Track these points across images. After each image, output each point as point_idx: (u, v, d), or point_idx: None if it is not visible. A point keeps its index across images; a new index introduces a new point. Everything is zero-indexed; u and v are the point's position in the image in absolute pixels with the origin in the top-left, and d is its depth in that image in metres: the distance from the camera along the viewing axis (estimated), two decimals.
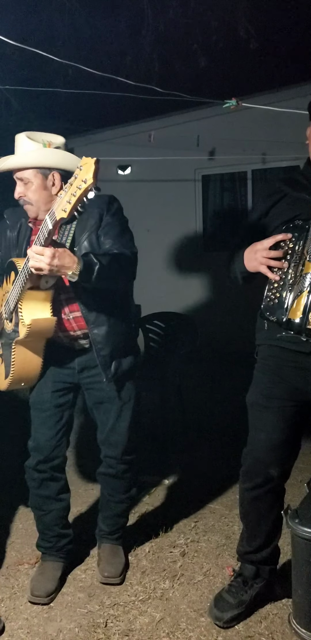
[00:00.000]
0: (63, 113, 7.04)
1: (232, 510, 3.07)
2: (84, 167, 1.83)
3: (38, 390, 2.44)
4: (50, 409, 2.43)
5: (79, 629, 2.25)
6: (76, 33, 6.21)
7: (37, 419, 2.46)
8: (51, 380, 2.42)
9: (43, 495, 2.48)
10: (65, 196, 1.88)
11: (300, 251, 1.96)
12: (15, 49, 3.18)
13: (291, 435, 2.11)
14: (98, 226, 2.31)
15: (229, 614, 2.22)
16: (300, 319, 1.94)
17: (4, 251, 2.44)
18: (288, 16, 6.83)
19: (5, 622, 2.30)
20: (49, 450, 2.44)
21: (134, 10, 6.07)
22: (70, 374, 2.43)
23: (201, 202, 7.22)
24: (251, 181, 6.92)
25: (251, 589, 2.27)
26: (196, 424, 4.36)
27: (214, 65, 6.76)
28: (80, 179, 1.83)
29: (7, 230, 2.44)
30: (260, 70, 7.49)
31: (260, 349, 2.17)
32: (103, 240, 2.31)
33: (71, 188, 1.86)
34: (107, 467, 2.54)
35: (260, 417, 2.13)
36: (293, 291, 1.97)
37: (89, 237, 2.29)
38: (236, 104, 3.56)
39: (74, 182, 1.85)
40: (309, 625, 2.10)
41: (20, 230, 2.40)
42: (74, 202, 1.85)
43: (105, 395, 2.43)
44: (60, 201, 1.90)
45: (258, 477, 2.14)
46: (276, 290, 2.00)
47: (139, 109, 6.50)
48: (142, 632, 2.22)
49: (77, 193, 1.84)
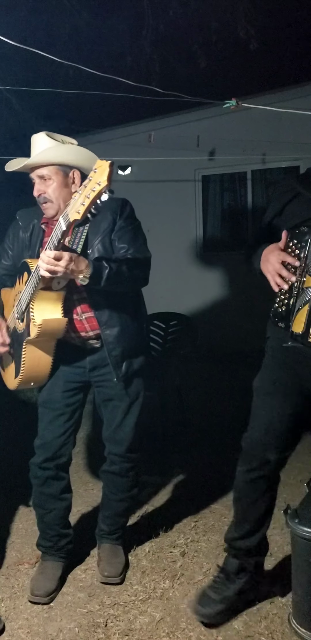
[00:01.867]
0: (63, 113, 7.03)
1: (232, 510, 3.06)
2: (98, 169, 1.85)
3: (49, 389, 2.45)
4: (61, 408, 2.44)
5: (79, 629, 2.25)
6: (76, 33, 6.20)
7: (46, 417, 2.47)
8: (63, 379, 2.43)
9: (46, 493, 2.48)
10: (79, 198, 1.89)
11: (304, 261, 1.97)
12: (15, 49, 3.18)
13: (291, 423, 2.13)
14: (111, 229, 2.34)
15: (211, 609, 2.21)
16: (302, 332, 1.97)
17: (16, 252, 2.45)
18: (288, 16, 6.82)
19: (6, 622, 2.30)
20: (56, 448, 2.45)
21: (135, 10, 6.07)
22: (81, 372, 2.45)
23: (201, 202, 7.22)
24: (251, 181, 6.93)
25: (234, 584, 2.24)
26: (196, 424, 4.37)
27: (214, 65, 6.75)
28: (94, 182, 1.85)
29: (20, 231, 2.44)
30: (259, 71, 7.48)
31: (269, 339, 2.19)
32: (117, 244, 2.33)
33: (85, 190, 1.88)
34: (111, 464, 2.55)
35: (263, 400, 2.16)
36: (297, 302, 1.99)
37: (102, 241, 2.32)
38: (236, 104, 3.55)
39: (89, 184, 1.87)
40: (309, 625, 2.11)
41: (33, 232, 2.41)
42: (88, 204, 1.87)
43: (114, 393, 2.45)
44: (74, 203, 1.91)
45: (254, 459, 2.15)
46: (285, 297, 2.03)
47: (139, 109, 6.50)
48: (142, 632, 2.22)
49: (91, 195, 1.85)
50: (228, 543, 2.31)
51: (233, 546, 2.27)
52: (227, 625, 2.23)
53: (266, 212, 2.27)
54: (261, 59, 7.12)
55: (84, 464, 3.82)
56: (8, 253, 2.49)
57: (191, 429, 4.24)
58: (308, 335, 1.96)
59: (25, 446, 2.65)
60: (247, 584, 2.26)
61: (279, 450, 2.14)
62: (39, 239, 2.39)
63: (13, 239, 2.47)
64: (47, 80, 5.63)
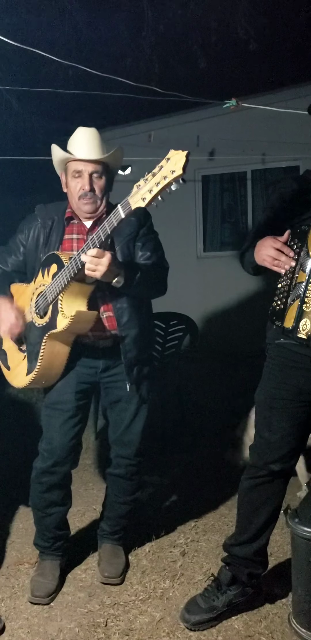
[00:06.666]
0: (63, 113, 7.03)
1: (232, 510, 3.06)
2: (172, 158, 1.81)
3: (60, 390, 2.39)
4: (72, 409, 2.38)
5: (79, 629, 2.25)
6: (76, 34, 6.20)
7: (56, 419, 2.38)
8: (75, 380, 2.39)
9: (48, 499, 2.44)
10: (145, 185, 1.84)
11: (301, 258, 1.98)
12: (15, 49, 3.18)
13: (295, 434, 2.12)
14: (134, 236, 2.35)
15: (197, 617, 2.20)
16: (292, 327, 1.98)
17: (29, 248, 2.40)
18: (288, 16, 6.82)
19: (6, 622, 2.30)
20: (66, 453, 2.39)
21: (134, 11, 6.07)
22: (93, 373, 2.42)
23: (201, 202, 7.23)
24: (251, 181, 6.93)
25: (224, 595, 2.22)
26: (196, 424, 4.37)
27: (214, 65, 6.75)
28: (168, 169, 1.80)
29: (38, 226, 2.40)
30: (259, 71, 7.48)
31: (268, 347, 2.19)
32: (140, 251, 2.35)
33: (153, 178, 1.83)
34: (116, 467, 2.54)
35: (265, 416, 2.15)
36: (290, 298, 2.00)
37: (127, 244, 2.32)
38: (236, 104, 3.56)
39: (159, 172, 1.82)
40: (309, 625, 2.11)
41: (53, 228, 2.37)
42: (156, 192, 1.82)
43: (123, 395, 2.43)
44: (137, 191, 1.86)
45: (259, 470, 2.16)
46: (283, 295, 2.03)
47: (139, 109, 6.51)
48: (142, 632, 2.22)
49: (162, 183, 1.81)
50: (225, 549, 2.31)
51: (230, 552, 2.27)
52: (227, 625, 2.23)
53: (262, 214, 2.28)
54: (261, 59, 7.12)
55: (84, 463, 3.82)
56: (20, 249, 2.42)
57: (191, 429, 4.24)
58: (297, 330, 1.97)
59: (25, 446, 2.65)
60: (237, 597, 2.23)
61: (283, 461, 2.13)
62: (60, 236, 2.35)
63: (28, 234, 2.40)
64: (47, 80, 5.63)
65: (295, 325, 1.97)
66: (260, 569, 2.27)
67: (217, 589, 2.24)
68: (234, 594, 2.23)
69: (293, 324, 1.97)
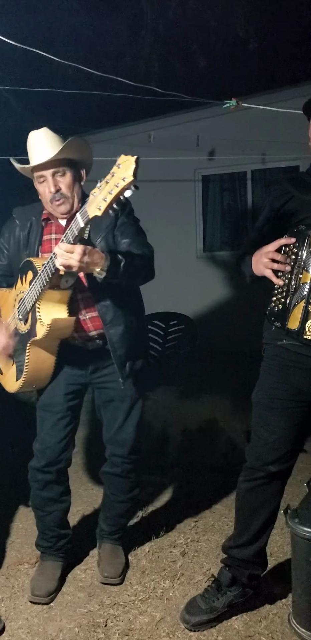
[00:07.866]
0: (62, 113, 7.03)
1: (232, 510, 3.05)
2: (123, 164, 1.80)
3: (50, 392, 2.41)
4: (62, 411, 2.41)
5: (79, 629, 2.25)
6: (76, 33, 6.19)
7: (47, 421, 2.43)
8: (64, 382, 2.40)
9: (46, 497, 2.47)
10: (100, 194, 1.83)
11: (301, 258, 1.97)
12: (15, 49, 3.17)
13: (293, 435, 2.12)
14: (114, 226, 2.31)
15: (197, 618, 2.21)
16: (297, 329, 1.98)
17: (12, 251, 2.40)
18: (288, 16, 6.82)
19: (6, 622, 2.30)
20: (58, 453, 2.42)
21: (134, 10, 6.07)
22: (83, 374, 2.43)
23: (200, 202, 7.22)
24: (250, 181, 6.93)
25: (224, 596, 2.23)
26: (196, 424, 4.36)
27: (214, 65, 6.74)
28: (119, 177, 1.79)
29: (17, 229, 2.40)
30: (259, 70, 7.47)
31: (266, 347, 2.19)
32: (120, 239, 2.31)
33: (107, 186, 1.81)
34: (112, 466, 2.54)
35: (263, 416, 2.15)
36: (293, 299, 1.99)
37: (105, 238, 2.29)
38: (235, 104, 3.56)
39: (112, 180, 1.81)
40: (309, 625, 2.11)
41: (31, 230, 2.36)
42: (110, 200, 1.81)
43: (116, 394, 2.43)
44: (93, 199, 1.85)
45: (256, 472, 2.15)
46: (281, 296, 2.03)
47: (138, 109, 6.49)
48: (142, 632, 2.22)
49: (115, 191, 1.79)
50: (224, 551, 2.31)
51: (229, 554, 2.27)
52: (227, 625, 2.23)
53: (259, 218, 2.26)
54: (260, 59, 7.11)
55: (83, 464, 3.82)
56: (4, 253, 2.44)
57: (191, 429, 4.23)
58: (303, 331, 1.96)
59: (25, 446, 2.65)
60: (237, 598, 2.24)
61: (281, 462, 2.13)
62: (38, 237, 2.35)
63: (9, 237, 2.41)
64: (46, 80, 5.63)
65: (300, 327, 1.97)
66: (260, 569, 2.27)
67: (217, 590, 2.25)
68: (234, 595, 2.23)
69: (299, 325, 1.97)
